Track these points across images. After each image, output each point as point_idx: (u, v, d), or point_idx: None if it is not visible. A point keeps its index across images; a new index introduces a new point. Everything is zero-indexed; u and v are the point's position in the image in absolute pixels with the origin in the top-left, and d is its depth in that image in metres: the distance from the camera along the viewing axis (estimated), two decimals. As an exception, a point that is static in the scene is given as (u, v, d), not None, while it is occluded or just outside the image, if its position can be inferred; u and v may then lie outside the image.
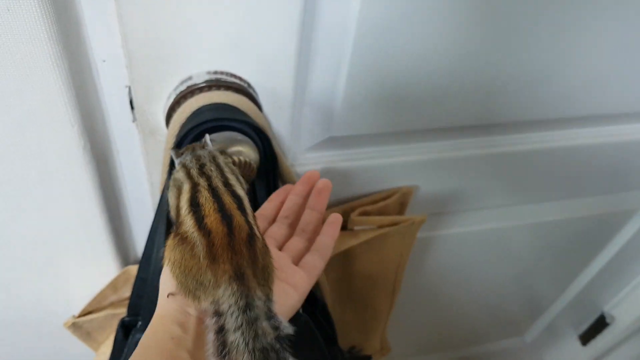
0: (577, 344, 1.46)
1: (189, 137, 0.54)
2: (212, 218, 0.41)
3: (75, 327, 0.70)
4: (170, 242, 0.42)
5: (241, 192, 0.45)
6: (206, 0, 0.49)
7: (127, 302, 0.71)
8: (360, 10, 0.54)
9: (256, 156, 0.57)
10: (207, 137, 0.49)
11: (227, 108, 0.55)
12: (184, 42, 0.52)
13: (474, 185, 0.90)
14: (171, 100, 0.56)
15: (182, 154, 0.48)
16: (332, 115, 0.67)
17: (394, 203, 0.84)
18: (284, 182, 0.67)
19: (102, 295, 0.72)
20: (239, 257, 0.40)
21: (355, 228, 0.81)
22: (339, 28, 0.57)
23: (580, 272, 1.30)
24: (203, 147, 0.48)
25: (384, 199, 0.83)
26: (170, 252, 0.42)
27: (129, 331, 0.68)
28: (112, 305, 0.74)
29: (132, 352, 0.66)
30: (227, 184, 0.44)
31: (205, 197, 0.42)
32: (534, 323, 1.51)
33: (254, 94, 0.59)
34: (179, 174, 0.45)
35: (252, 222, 0.43)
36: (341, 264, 0.86)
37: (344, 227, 0.83)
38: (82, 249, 0.68)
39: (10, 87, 0.47)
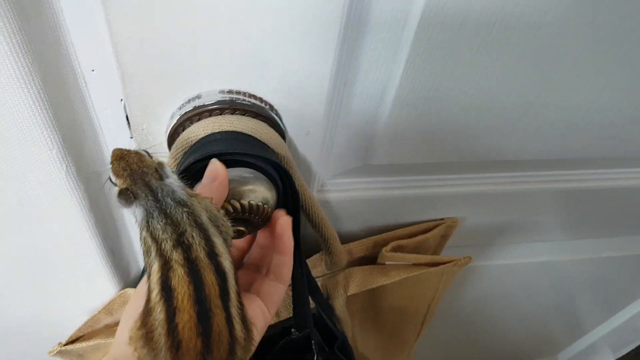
0: None
1: (191, 170, 0.44)
2: (185, 317, 0.31)
3: (62, 353, 0.63)
4: (134, 331, 0.33)
5: (227, 265, 0.34)
6: (221, 3, 0.38)
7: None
8: (417, 28, 0.43)
9: (273, 196, 0.47)
10: (164, 166, 0.36)
11: (240, 139, 0.45)
12: (192, 55, 0.42)
13: (525, 219, 0.80)
14: (175, 120, 0.47)
15: (133, 198, 0.34)
16: (370, 142, 0.56)
17: (435, 237, 0.73)
18: (308, 216, 0.57)
19: (95, 319, 0.65)
20: None
21: (387, 263, 0.71)
22: (390, 44, 0.45)
23: (629, 303, 1.21)
24: (160, 178, 0.35)
25: (424, 231, 0.72)
26: (133, 343, 0.33)
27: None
28: (107, 328, 0.67)
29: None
30: (211, 254, 0.34)
31: (179, 276, 0.32)
32: (571, 344, 1.43)
33: (275, 118, 0.49)
34: (147, 243, 0.34)
35: (234, 316, 0.33)
36: (368, 297, 0.76)
37: (374, 261, 0.73)
38: (73, 269, 0.61)
39: (-29, 104, 0.38)
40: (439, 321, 1.03)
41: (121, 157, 0.35)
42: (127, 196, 0.34)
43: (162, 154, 0.50)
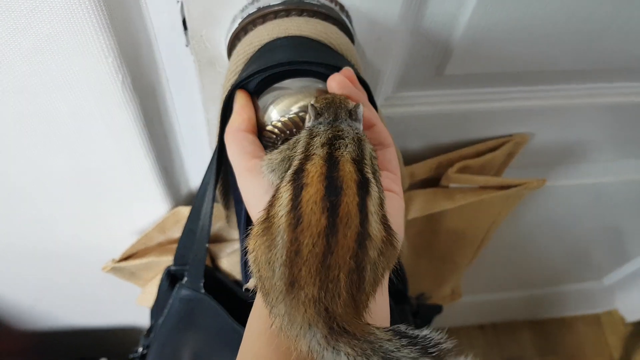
0: None
1: (254, 80, 0.42)
2: (311, 191, 0.29)
3: (115, 270, 0.65)
4: (256, 226, 0.32)
5: (370, 176, 0.32)
6: None
7: (174, 246, 0.65)
8: None
9: None
10: (361, 109, 0.36)
11: (308, 45, 0.42)
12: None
13: (588, 136, 0.76)
14: (236, 24, 0.43)
15: (319, 114, 0.36)
16: (446, 50, 0.52)
17: (502, 154, 0.69)
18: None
19: (148, 236, 0.66)
20: (331, 286, 0.28)
21: (452, 185, 0.68)
22: None
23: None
24: (350, 116, 0.36)
25: (492, 149, 0.69)
26: (251, 240, 0.31)
27: (174, 281, 0.63)
28: (159, 246, 0.68)
29: (176, 307, 0.62)
30: (357, 160, 0.32)
31: (316, 162, 0.31)
32: (615, 269, 1.43)
33: (346, 21, 0.45)
34: (299, 139, 0.34)
35: (370, 209, 0.30)
36: (427, 221, 0.75)
37: (436, 182, 0.71)
38: (125, 188, 0.61)
39: (21, 4, 0.36)
40: (489, 246, 1.03)
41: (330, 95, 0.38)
42: (314, 110, 0.36)
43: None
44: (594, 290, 1.49)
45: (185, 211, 0.65)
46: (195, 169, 0.67)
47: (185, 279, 0.61)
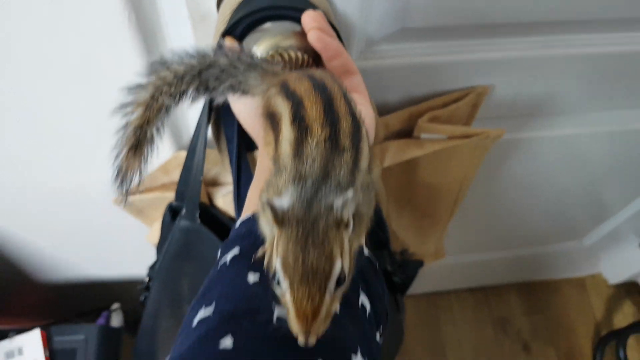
0: (637, 250, 1.49)
1: (240, 25, 0.50)
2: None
3: (127, 204, 0.74)
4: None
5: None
6: None
7: (175, 186, 0.74)
8: None
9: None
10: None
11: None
12: None
13: (554, 88, 0.82)
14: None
15: None
16: (407, 2, 0.60)
17: (466, 105, 0.77)
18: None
19: (153, 176, 0.75)
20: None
21: (422, 136, 0.77)
22: None
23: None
24: None
25: (456, 100, 0.77)
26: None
27: (175, 216, 0.72)
28: (163, 186, 0.77)
29: (176, 237, 0.71)
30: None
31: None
32: (595, 228, 1.49)
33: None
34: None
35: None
36: (403, 171, 0.83)
37: (409, 134, 0.79)
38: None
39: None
40: (468, 202, 1.10)
41: None
42: None
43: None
44: (576, 252, 1.56)
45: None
46: (194, 116, 0.75)
47: (184, 210, 0.70)
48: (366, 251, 0.45)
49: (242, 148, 0.63)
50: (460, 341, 1.62)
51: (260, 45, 0.51)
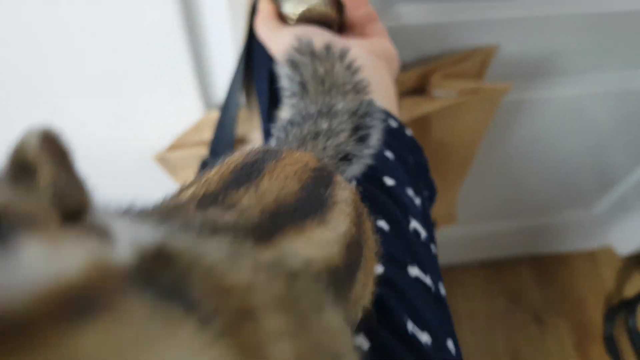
0: None
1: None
2: None
3: (163, 160, 0.81)
4: None
5: None
6: None
7: (208, 144, 0.81)
8: None
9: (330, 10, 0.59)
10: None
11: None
12: None
13: (563, 47, 0.87)
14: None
15: None
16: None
17: (475, 63, 0.83)
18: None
19: (185, 136, 0.82)
20: None
21: (434, 93, 0.83)
22: None
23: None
24: None
25: (465, 59, 0.83)
26: None
27: (208, 171, 0.79)
28: (196, 144, 0.84)
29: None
30: None
31: None
32: (604, 196, 1.53)
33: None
34: None
35: None
36: (414, 131, 0.89)
37: (420, 91, 0.86)
38: (167, 85, 0.76)
39: None
40: (476, 171, 1.16)
41: None
42: None
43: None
44: (586, 222, 1.61)
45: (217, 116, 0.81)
46: (222, 74, 0.82)
47: (217, 165, 0.77)
48: None
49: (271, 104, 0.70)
50: (473, 314, 1.68)
51: (289, 2, 0.58)
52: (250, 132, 0.84)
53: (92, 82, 0.75)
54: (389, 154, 0.51)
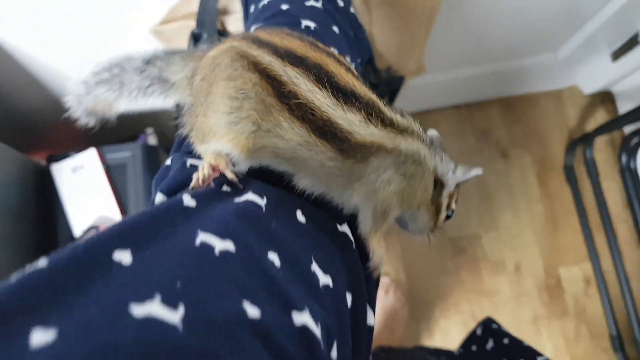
0: (608, 60, 1.63)
1: None
2: None
3: (158, 33, 0.94)
4: None
5: None
6: None
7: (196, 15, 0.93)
8: None
9: None
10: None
11: None
12: None
13: None
14: None
15: None
16: None
17: None
18: None
19: (176, 8, 0.93)
20: None
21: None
22: None
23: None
24: None
25: None
26: None
27: (197, 41, 0.92)
28: (185, 16, 0.96)
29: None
30: None
31: None
32: (568, 39, 1.61)
33: None
34: None
35: None
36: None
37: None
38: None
39: None
40: (443, 21, 1.25)
41: None
42: None
43: None
44: (552, 65, 1.73)
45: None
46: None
47: (205, 35, 0.90)
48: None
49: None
50: (447, 151, 1.88)
51: None
52: (231, 2, 0.95)
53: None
54: (335, 29, 0.66)
